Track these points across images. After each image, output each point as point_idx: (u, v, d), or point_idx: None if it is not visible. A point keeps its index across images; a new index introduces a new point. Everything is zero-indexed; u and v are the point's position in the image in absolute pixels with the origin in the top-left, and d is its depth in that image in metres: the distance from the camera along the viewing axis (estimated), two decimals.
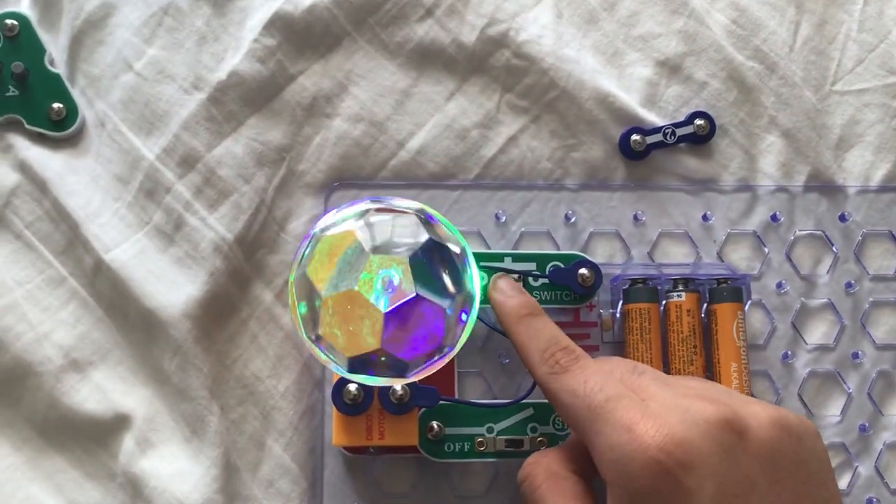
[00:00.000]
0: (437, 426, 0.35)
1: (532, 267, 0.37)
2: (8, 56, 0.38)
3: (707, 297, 0.38)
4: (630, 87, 0.40)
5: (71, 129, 0.38)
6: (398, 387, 0.34)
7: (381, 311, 0.31)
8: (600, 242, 0.39)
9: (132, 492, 0.35)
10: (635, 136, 0.39)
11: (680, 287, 0.37)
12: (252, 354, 0.37)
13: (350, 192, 0.38)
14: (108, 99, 0.38)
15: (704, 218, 0.40)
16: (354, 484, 0.36)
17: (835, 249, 0.40)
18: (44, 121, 0.38)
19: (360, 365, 0.31)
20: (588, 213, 0.39)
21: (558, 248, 0.39)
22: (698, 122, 0.40)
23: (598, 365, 0.31)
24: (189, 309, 0.36)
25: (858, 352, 0.39)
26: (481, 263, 0.36)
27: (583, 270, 0.37)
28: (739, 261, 0.40)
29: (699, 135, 0.40)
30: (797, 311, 0.39)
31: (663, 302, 0.37)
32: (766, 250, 0.40)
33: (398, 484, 0.37)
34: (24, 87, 0.38)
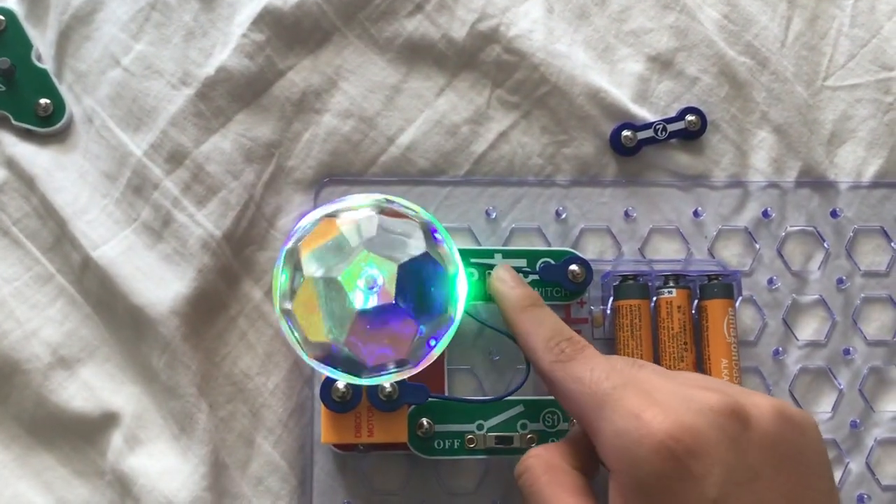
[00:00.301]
0: (427, 423, 0.35)
1: (522, 263, 0.37)
2: None
3: (698, 293, 0.38)
4: (621, 82, 0.40)
5: (58, 125, 0.38)
6: (387, 384, 0.34)
7: (354, 307, 0.31)
8: (591, 238, 0.39)
9: (120, 489, 0.35)
10: (626, 132, 0.39)
11: (671, 283, 0.37)
12: (241, 352, 0.37)
13: (339, 188, 0.38)
14: (95, 95, 0.38)
15: (695, 214, 0.39)
16: (344, 481, 0.36)
17: (826, 245, 0.40)
18: (31, 117, 0.38)
19: (319, 351, 0.31)
20: (579, 209, 0.39)
21: (549, 245, 0.39)
22: (689, 117, 0.39)
23: (602, 357, 0.31)
24: (177, 306, 0.36)
25: (850, 348, 0.39)
26: (471, 260, 0.36)
27: (573, 267, 0.37)
28: (730, 257, 0.39)
29: (690, 130, 0.39)
30: (788, 308, 0.39)
31: (654, 298, 0.37)
32: (758, 246, 0.40)
33: (388, 481, 0.37)
34: (11, 82, 0.38)
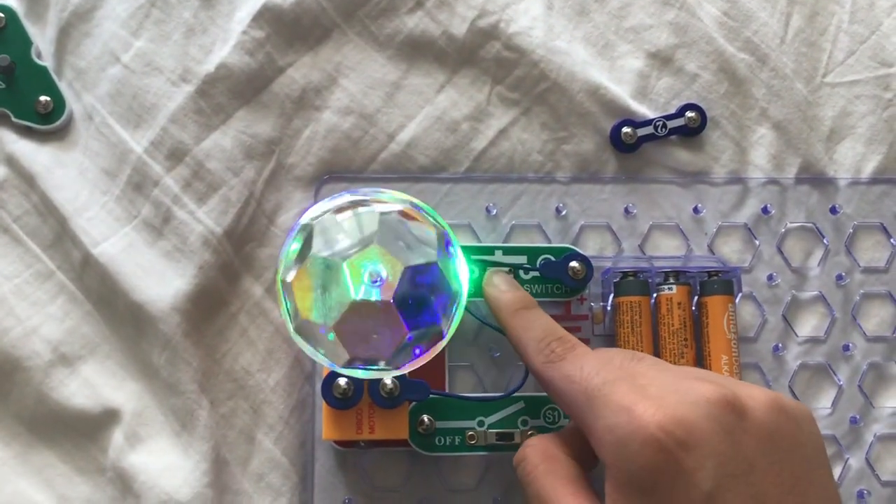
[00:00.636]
0: (428, 420, 0.35)
1: (523, 260, 0.37)
2: None
3: (698, 289, 0.38)
4: (621, 79, 0.40)
5: (58, 122, 0.38)
6: (388, 380, 0.34)
7: (351, 297, 0.31)
8: (591, 235, 0.39)
9: (122, 486, 0.35)
10: (626, 129, 0.39)
11: (671, 280, 0.37)
12: (242, 348, 0.37)
13: (340, 185, 0.38)
14: (95, 92, 0.38)
15: (695, 210, 0.40)
16: (345, 478, 0.36)
17: (826, 242, 0.40)
18: (31, 114, 0.38)
19: (306, 330, 0.31)
20: (579, 205, 0.39)
21: (549, 241, 0.39)
22: (689, 114, 0.39)
23: (596, 353, 0.31)
24: (178, 303, 0.36)
25: (849, 344, 0.39)
26: (472, 257, 0.36)
27: (574, 263, 0.37)
28: (730, 253, 0.40)
29: (690, 127, 0.39)
30: (788, 304, 0.39)
31: (654, 295, 0.37)
32: (757, 243, 0.40)
33: (389, 478, 0.37)
34: (11, 80, 0.38)
